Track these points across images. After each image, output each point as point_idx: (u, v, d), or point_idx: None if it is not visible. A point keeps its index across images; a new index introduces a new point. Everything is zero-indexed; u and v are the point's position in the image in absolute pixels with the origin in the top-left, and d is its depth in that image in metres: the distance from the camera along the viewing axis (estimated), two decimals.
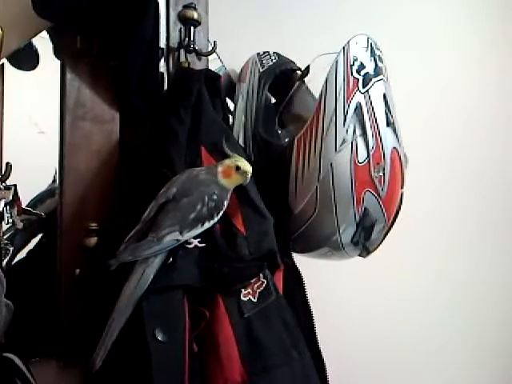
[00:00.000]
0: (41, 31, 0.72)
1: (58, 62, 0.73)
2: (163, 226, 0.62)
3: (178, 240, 0.62)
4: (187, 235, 0.63)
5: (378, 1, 1.29)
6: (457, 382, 1.48)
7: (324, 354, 0.78)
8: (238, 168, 0.66)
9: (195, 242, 0.65)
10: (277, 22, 1.05)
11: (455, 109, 1.48)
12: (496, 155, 1.63)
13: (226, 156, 0.70)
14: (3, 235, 0.68)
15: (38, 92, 0.77)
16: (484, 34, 1.62)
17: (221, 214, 0.66)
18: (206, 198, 0.64)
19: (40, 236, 0.75)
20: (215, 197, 0.64)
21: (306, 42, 1.06)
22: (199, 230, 0.64)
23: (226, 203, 0.66)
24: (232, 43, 0.92)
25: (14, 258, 0.70)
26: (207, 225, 0.65)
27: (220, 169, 0.66)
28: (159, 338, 0.59)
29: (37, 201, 0.74)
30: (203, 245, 0.66)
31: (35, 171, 0.74)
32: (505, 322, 1.68)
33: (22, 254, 0.72)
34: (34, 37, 0.72)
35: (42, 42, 0.74)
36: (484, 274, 1.58)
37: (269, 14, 1.05)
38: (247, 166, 0.67)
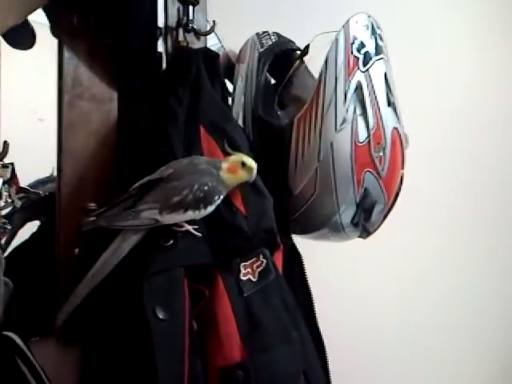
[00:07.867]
0: (37, 8, 0.71)
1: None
2: (144, 202, 0.62)
3: (156, 220, 0.61)
4: (167, 217, 0.61)
5: None
6: (456, 374, 1.50)
7: (323, 335, 0.78)
8: (243, 164, 0.65)
9: (188, 227, 0.64)
10: (276, 2, 1.04)
11: (455, 97, 1.47)
12: (495, 139, 1.63)
13: (225, 144, 0.69)
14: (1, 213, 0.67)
15: (37, 77, 0.76)
16: (483, 35, 1.61)
17: (210, 208, 0.64)
18: (196, 187, 0.62)
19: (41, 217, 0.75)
20: (206, 188, 0.62)
21: (305, 21, 1.05)
22: (181, 216, 0.62)
23: (218, 199, 0.64)
24: (231, 23, 0.91)
25: (14, 237, 0.70)
26: (191, 214, 0.63)
27: (225, 165, 0.65)
28: (160, 316, 0.59)
29: (39, 182, 0.73)
30: (198, 234, 0.64)
31: (34, 154, 0.73)
32: (504, 313, 1.69)
33: (26, 235, 0.72)
34: (30, 14, 0.70)
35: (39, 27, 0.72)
36: (483, 260, 1.59)
37: None
38: (252, 163, 0.66)
